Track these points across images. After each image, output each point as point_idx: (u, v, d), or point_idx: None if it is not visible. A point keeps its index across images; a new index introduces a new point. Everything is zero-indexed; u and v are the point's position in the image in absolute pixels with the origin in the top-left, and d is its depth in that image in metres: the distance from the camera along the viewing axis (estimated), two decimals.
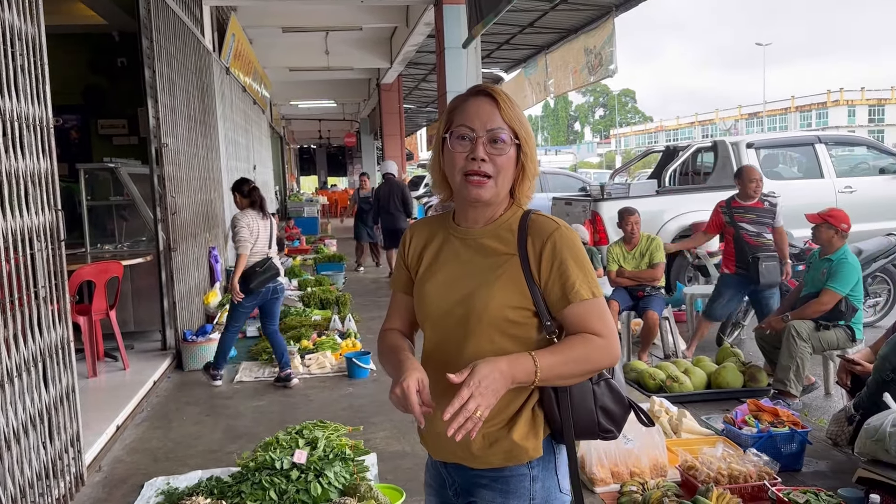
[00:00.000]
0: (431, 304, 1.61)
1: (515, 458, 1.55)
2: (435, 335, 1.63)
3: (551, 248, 1.53)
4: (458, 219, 1.65)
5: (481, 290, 1.55)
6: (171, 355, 6.14)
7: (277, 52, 14.13)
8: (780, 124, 60.64)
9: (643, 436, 3.58)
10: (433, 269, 1.64)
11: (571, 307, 1.52)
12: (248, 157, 12.70)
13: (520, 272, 1.54)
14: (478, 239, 1.61)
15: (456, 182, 1.56)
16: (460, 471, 1.63)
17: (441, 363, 1.56)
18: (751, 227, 5.82)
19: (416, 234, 1.72)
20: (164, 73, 6.23)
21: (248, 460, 3.56)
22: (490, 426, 1.54)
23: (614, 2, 9.37)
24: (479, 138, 1.52)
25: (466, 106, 1.56)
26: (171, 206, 6.22)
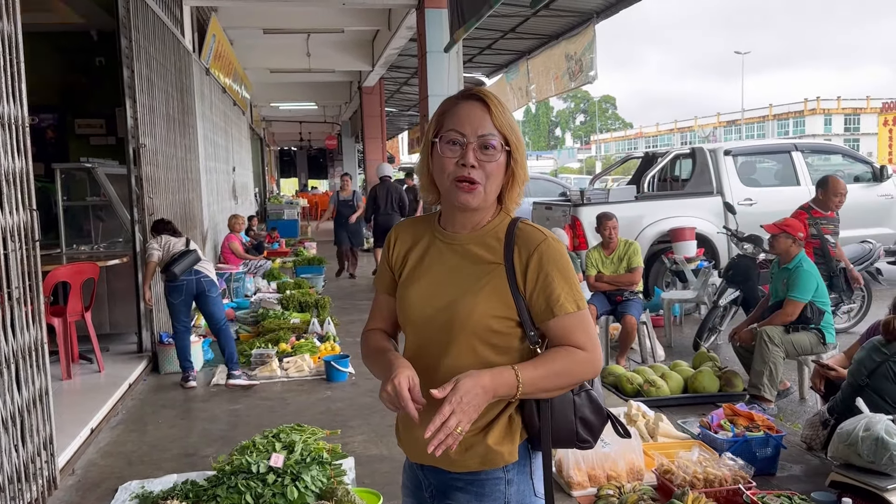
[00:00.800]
0: (414, 308, 1.60)
1: (491, 462, 1.55)
2: (416, 339, 1.61)
3: (538, 259, 1.52)
4: (445, 222, 1.63)
5: (465, 297, 1.53)
6: (147, 358, 6.08)
7: (258, 53, 14.06)
8: (759, 132, 61.42)
9: (620, 440, 3.59)
10: (417, 272, 1.63)
11: (556, 320, 1.51)
12: (228, 159, 12.62)
13: (505, 282, 1.53)
14: (464, 245, 1.59)
15: (445, 187, 1.54)
16: (436, 473, 1.62)
17: (422, 368, 1.54)
18: (831, 238, 5.92)
19: (401, 236, 1.70)
20: (143, 72, 6.17)
21: (224, 464, 3.53)
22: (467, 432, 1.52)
23: (595, 9, 9.44)
24: (469, 144, 1.50)
25: (457, 110, 1.53)
26: (149, 207, 6.16)
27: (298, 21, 11.96)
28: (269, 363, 5.85)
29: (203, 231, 9.20)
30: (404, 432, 1.66)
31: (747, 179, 8.70)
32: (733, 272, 6.29)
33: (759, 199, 8.42)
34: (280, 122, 26.65)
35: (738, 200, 8.15)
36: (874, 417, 3.33)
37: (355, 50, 14.47)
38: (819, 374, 4.22)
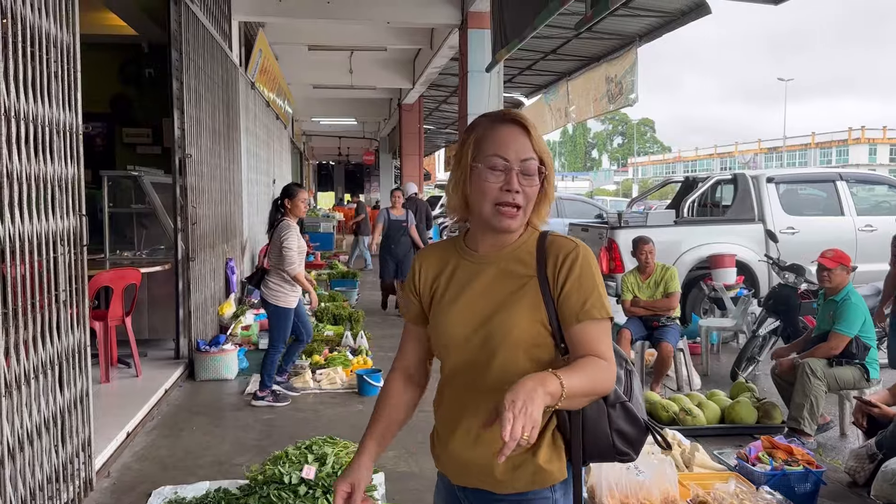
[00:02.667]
0: (454, 329, 1.59)
1: (541, 481, 1.54)
2: (458, 360, 1.60)
3: (569, 265, 1.53)
4: (473, 244, 1.64)
5: (504, 312, 1.54)
6: (184, 364, 6.17)
7: (302, 69, 14.30)
8: (800, 160, 60.44)
9: (655, 468, 3.55)
10: (451, 295, 1.63)
11: (583, 325, 1.51)
12: (269, 171, 12.81)
13: (539, 293, 1.54)
14: (497, 264, 1.60)
15: (485, 211, 1.54)
16: (480, 495, 1.60)
17: (465, 387, 1.56)
18: None
19: (426, 264, 1.70)
20: (192, 85, 6.31)
21: (256, 473, 3.55)
22: (514, 451, 1.49)
23: (638, 32, 9.42)
24: (513, 169, 1.52)
25: (498, 134, 1.53)
26: (192, 216, 6.27)
27: (343, 38, 12.14)
28: (303, 374, 5.89)
29: (242, 241, 9.33)
30: (444, 454, 1.64)
31: (790, 207, 8.56)
32: (774, 301, 6.17)
33: (801, 228, 8.27)
34: (320, 137, 26.99)
35: (780, 229, 8.02)
36: None
37: (397, 68, 14.63)
38: (861, 410, 4.11)
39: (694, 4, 7.99)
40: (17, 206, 2.96)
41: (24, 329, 3.03)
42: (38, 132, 3.18)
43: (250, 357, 6.61)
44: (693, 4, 8.00)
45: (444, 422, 1.63)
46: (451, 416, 1.61)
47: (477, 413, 1.53)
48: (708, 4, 7.85)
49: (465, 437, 1.56)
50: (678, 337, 5.86)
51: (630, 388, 1.63)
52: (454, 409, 1.59)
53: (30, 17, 3.12)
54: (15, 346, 2.94)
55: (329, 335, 7.17)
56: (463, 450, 1.54)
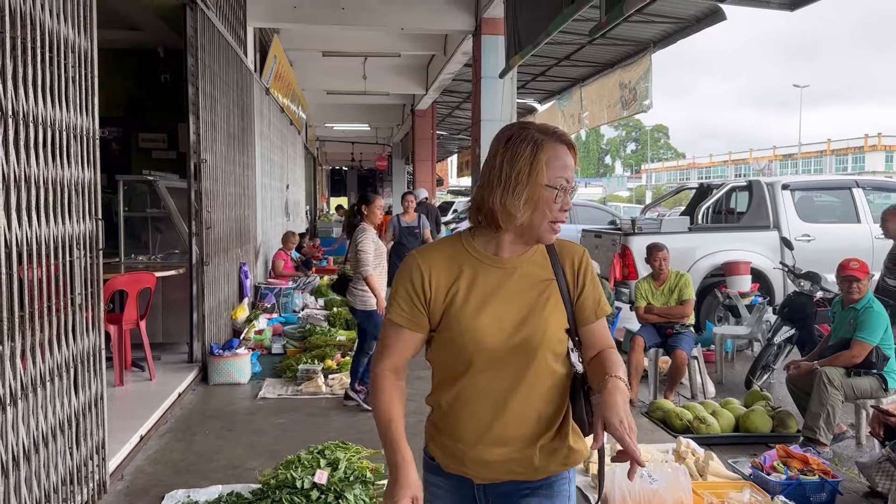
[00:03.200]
0: (489, 336, 1.63)
1: (573, 461, 1.72)
2: (489, 364, 1.64)
3: (585, 266, 1.72)
4: (490, 248, 1.68)
5: (537, 316, 1.65)
6: (198, 368, 6.19)
7: (316, 74, 14.37)
8: (816, 167, 59.94)
9: (669, 477, 3.52)
10: (476, 302, 1.65)
11: (599, 322, 1.72)
12: (283, 176, 12.87)
13: (559, 295, 1.68)
14: (518, 267, 1.69)
15: (541, 226, 1.63)
16: (507, 489, 1.70)
17: (499, 390, 1.64)
18: (885, 270, 5.75)
19: (435, 269, 1.67)
20: (207, 90, 6.36)
21: (269, 478, 3.56)
22: (547, 438, 1.68)
23: (652, 38, 9.40)
24: (569, 191, 1.64)
25: (561, 157, 1.63)
26: (207, 220, 6.31)
27: (357, 45, 12.19)
28: (315, 379, 5.91)
29: (256, 246, 9.37)
30: (470, 456, 1.67)
31: (806, 215, 8.49)
32: (789, 310, 6.12)
33: (817, 235, 8.20)
34: (333, 143, 27.10)
35: (795, 236, 7.95)
36: None
37: (410, 74, 14.67)
38: (878, 420, 4.06)
39: (709, 11, 7.97)
40: (34, 210, 2.98)
41: (41, 332, 3.05)
42: (56, 136, 3.21)
43: (263, 361, 6.63)
44: (708, 11, 7.98)
45: (471, 425, 1.67)
46: (480, 418, 1.66)
47: (516, 412, 1.64)
48: (723, 11, 7.82)
49: (498, 435, 1.65)
50: (692, 344, 5.82)
51: None
52: (485, 412, 1.65)
53: (48, 23, 3.15)
54: (31, 349, 2.96)
55: (342, 340, 7.18)
56: (495, 448, 1.65)
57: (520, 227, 1.64)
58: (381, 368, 1.72)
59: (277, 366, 6.48)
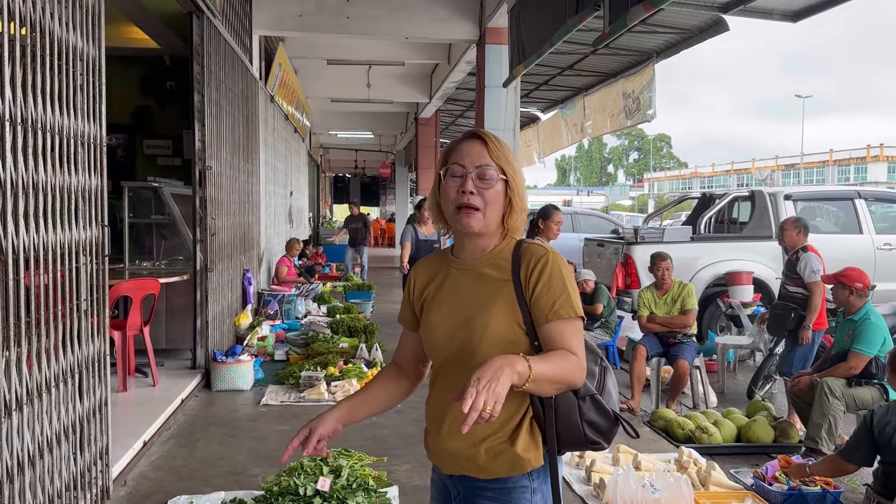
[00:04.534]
0: (437, 332, 1.77)
1: (519, 467, 1.69)
2: (443, 359, 1.78)
3: (540, 268, 1.69)
4: (457, 251, 1.82)
5: (481, 313, 1.70)
6: (201, 374, 6.21)
7: (321, 82, 14.43)
8: (818, 177, 59.92)
9: (671, 486, 3.53)
10: (437, 301, 1.80)
11: (554, 323, 1.66)
12: (286, 183, 12.91)
13: (513, 295, 1.70)
14: (476, 268, 1.77)
15: (450, 214, 1.74)
16: (465, 481, 1.75)
17: (449, 383, 1.73)
18: (783, 277, 5.83)
19: (420, 274, 1.88)
20: (213, 98, 6.40)
21: (272, 484, 3.57)
22: (494, 440, 1.69)
23: (655, 48, 9.43)
24: (468, 174, 1.70)
25: (460, 147, 1.74)
26: (211, 227, 6.33)
27: (361, 53, 12.25)
28: (318, 386, 5.91)
29: (259, 253, 9.40)
30: (434, 445, 1.80)
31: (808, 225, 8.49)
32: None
33: (819, 246, 8.16)
34: (337, 150, 27.18)
35: None
36: None
37: (414, 82, 14.73)
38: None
39: (712, 22, 8.00)
40: (41, 217, 3.01)
41: (46, 338, 3.07)
42: (64, 143, 3.24)
43: (266, 368, 6.64)
44: (711, 22, 8.01)
45: (433, 416, 1.80)
46: (438, 410, 1.78)
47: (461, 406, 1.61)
48: (726, 22, 7.84)
49: (451, 428, 1.72)
50: (694, 354, 5.82)
51: (603, 383, 1.78)
52: (441, 404, 1.76)
53: (57, 31, 3.19)
54: (37, 355, 2.98)
55: (344, 347, 7.20)
56: (449, 440, 1.73)
57: (451, 223, 1.76)
58: (391, 362, 1.98)
59: (280, 372, 6.49)
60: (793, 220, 6.03)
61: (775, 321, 5.83)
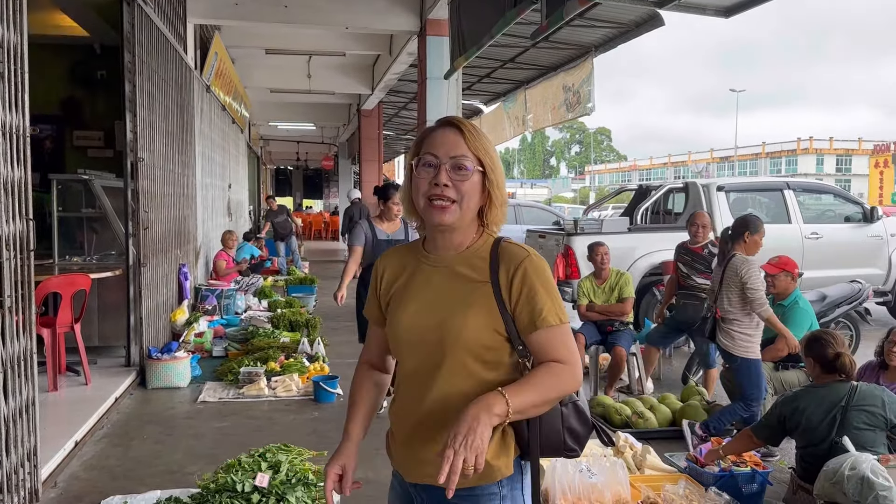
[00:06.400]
0: (406, 331, 1.64)
1: (488, 476, 1.58)
2: (410, 361, 1.66)
3: (522, 274, 1.58)
4: (429, 247, 1.69)
5: (455, 316, 1.58)
6: (135, 372, 6.05)
7: (259, 72, 14.18)
8: (751, 169, 62.00)
9: (607, 470, 3.60)
10: (405, 297, 1.67)
11: (539, 332, 1.56)
12: (224, 176, 12.65)
13: (492, 299, 1.58)
14: (450, 266, 1.64)
15: (421, 207, 1.61)
16: (432, 492, 1.63)
17: (418, 387, 1.62)
18: (683, 267, 5.97)
19: (388, 266, 1.75)
20: (145, 87, 6.22)
21: (208, 482, 3.50)
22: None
23: (594, 42, 9.57)
24: (442, 165, 1.57)
25: (434, 136, 1.61)
26: (144, 221, 6.17)
27: (301, 43, 12.08)
28: (258, 382, 5.83)
29: (196, 247, 9.20)
30: (400, 452, 1.70)
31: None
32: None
33: None
34: (277, 142, 26.78)
35: None
36: (860, 457, 3.34)
37: (356, 73, 14.61)
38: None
39: (648, 16, 8.16)
40: None
41: None
42: None
43: (203, 364, 6.52)
44: (647, 16, 8.17)
45: (399, 421, 1.69)
46: (405, 415, 1.66)
47: (429, 412, 1.60)
48: (661, 16, 8.02)
49: (418, 435, 1.62)
50: (631, 342, 5.96)
51: None
52: (409, 409, 1.65)
53: None
54: None
55: (285, 342, 7.11)
56: (416, 447, 1.62)
57: (423, 216, 1.65)
58: (360, 361, 1.86)
59: (218, 369, 6.37)
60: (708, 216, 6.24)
61: (687, 311, 5.92)
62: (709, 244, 5.96)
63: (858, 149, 58.28)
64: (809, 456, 3.66)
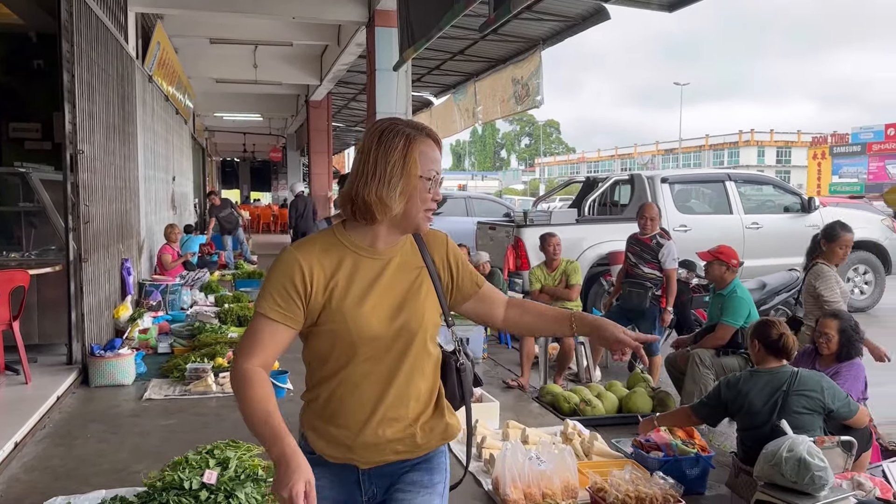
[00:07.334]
0: (370, 324, 1.68)
1: (450, 434, 1.82)
2: (372, 352, 1.70)
3: (453, 252, 1.86)
4: (361, 241, 1.73)
5: (413, 301, 1.74)
6: (78, 370, 5.88)
7: (204, 62, 13.88)
8: (695, 161, 63.48)
9: (556, 458, 3.67)
10: (357, 293, 1.69)
11: (483, 288, 1.91)
12: (168, 168, 12.37)
13: (430, 281, 1.79)
14: (394, 258, 1.77)
15: (417, 216, 1.72)
16: (391, 470, 1.77)
17: (382, 374, 1.71)
18: (632, 257, 6.11)
19: (314, 263, 1.68)
20: (84, 77, 6.03)
21: (155, 480, 3.44)
22: (426, 416, 1.77)
23: (542, 36, 9.67)
24: (439, 182, 1.75)
25: (431, 151, 1.72)
26: (84, 215, 5.99)
27: (246, 32, 11.88)
28: (205, 378, 5.74)
29: (140, 241, 8.98)
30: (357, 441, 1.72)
31: (682, 206, 8.99)
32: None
33: (693, 225, 8.71)
34: (223, 133, 26.28)
35: (673, 227, 8.41)
36: (797, 439, 3.47)
37: (303, 64, 14.44)
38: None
39: (594, 10, 8.27)
40: None
41: None
42: None
43: (148, 361, 6.38)
44: (593, 10, 8.28)
45: (356, 411, 1.71)
46: (363, 404, 1.71)
47: (396, 396, 1.72)
48: (607, 10, 8.14)
49: (385, 418, 1.72)
50: None
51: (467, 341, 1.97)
52: (370, 397, 1.71)
53: None
54: None
55: (233, 337, 7.00)
56: (382, 430, 1.71)
57: (395, 218, 1.71)
58: (251, 364, 1.67)
59: (164, 366, 6.24)
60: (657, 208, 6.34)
61: (632, 298, 6.05)
62: (657, 235, 6.09)
63: (798, 141, 60.20)
64: (750, 439, 3.78)
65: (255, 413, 1.62)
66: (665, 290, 5.90)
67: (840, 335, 4.25)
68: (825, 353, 4.33)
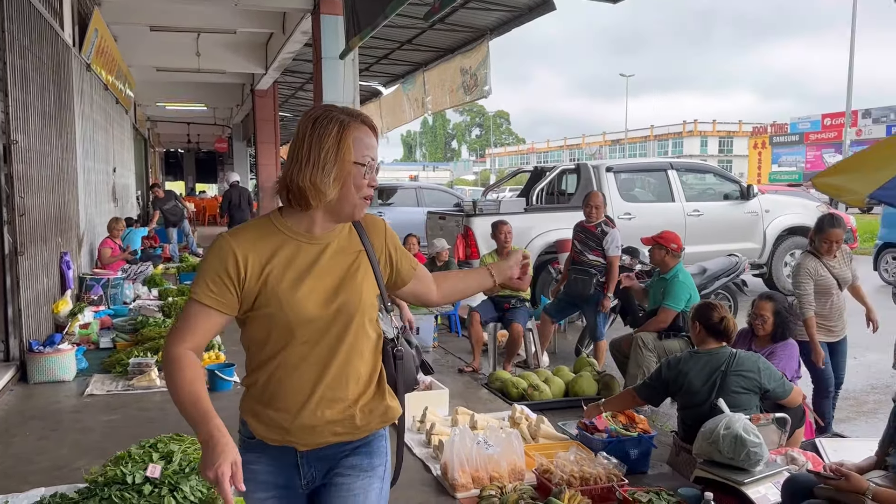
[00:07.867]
0: (306, 308, 1.70)
1: (390, 417, 1.84)
2: (309, 335, 1.71)
3: (391, 237, 1.90)
4: (302, 227, 1.74)
5: (352, 286, 1.75)
6: (15, 367, 5.70)
7: (144, 50, 13.48)
8: (641, 151, 64.63)
9: (503, 441, 3.72)
10: (292, 277, 1.71)
11: (418, 270, 1.98)
12: (108, 159, 12.03)
13: (369, 264, 1.81)
14: (332, 243, 1.78)
15: (353, 202, 1.72)
16: (330, 452, 1.78)
17: (321, 357, 1.72)
18: (578, 244, 6.21)
19: (249, 249, 1.69)
20: (17, 65, 5.82)
21: (96, 475, 3.37)
22: (366, 398, 1.78)
23: (489, 25, 9.70)
24: (375, 168, 1.76)
25: (367, 137, 1.74)
26: (20, 207, 5.80)
27: (188, 19, 11.59)
28: (148, 373, 5.62)
29: (79, 234, 8.73)
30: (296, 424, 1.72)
31: (627, 195, 9.16)
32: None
33: (637, 213, 8.89)
34: (166, 123, 25.62)
35: (618, 214, 8.57)
36: (734, 417, 3.59)
37: (248, 52, 14.17)
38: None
39: (539, 0, 8.33)
40: None
41: None
42: None
43: (90, 357, 6.22)
44: (539, 0, 8.34)
45: (295, 393, 1.72)
46: (304, 385, 1.72)
47: (335, 377, 1.73)
48: (552, 1, 8.21)
49: (324, 399, 1.73)
50: (527, 318, 6.14)
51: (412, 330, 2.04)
52: (308, 378, 1.72)
53: None
54: None
55: None
56: (322, 411, 1.72)
57: (330, 204, 1.72)
58: (182, 349, 1.68)
59: (106, 361, 6.10)
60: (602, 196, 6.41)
61: (577, 285, 6.14)
62: (602, 223, 6.18)
63: (739, 131, 61.81)
64: (690, 418, 3.90)
65: (184, 395, 1.64)
66: (608, 277, 6.00)
67: (775, 317, 4.41)
68: (760, 335, 4.49)
